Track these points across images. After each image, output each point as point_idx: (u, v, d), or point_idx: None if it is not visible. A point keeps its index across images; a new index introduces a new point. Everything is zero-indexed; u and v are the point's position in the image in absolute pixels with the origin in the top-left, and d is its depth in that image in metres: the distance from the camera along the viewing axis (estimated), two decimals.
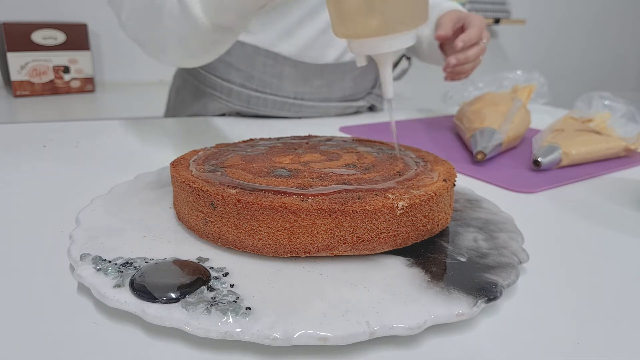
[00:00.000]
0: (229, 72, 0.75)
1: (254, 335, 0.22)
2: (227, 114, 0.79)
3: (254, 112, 0.77)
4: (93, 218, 0.33)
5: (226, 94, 0.76)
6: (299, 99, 0.77)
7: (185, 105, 0.82)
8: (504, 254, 0.30)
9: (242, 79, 0.75)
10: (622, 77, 3.06)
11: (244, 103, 0.76)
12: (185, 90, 0.82)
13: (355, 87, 0.81)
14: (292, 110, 0.78)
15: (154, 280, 0.25)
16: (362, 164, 0.36)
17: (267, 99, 0.76)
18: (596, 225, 0.40)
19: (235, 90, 0.75)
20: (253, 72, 0.74)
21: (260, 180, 0.31)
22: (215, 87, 0.76)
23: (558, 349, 0.24)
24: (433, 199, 0.30)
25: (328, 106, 0.80)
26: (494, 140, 0.55)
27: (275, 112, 0.77)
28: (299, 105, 0.78)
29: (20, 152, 0.53)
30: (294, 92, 0.77)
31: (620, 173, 0.54)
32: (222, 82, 0.75)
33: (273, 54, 0.73)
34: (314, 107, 0.79)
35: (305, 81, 0.76)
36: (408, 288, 0.26)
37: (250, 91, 0.75)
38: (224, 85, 0.75)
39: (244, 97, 0.76)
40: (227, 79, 0.75)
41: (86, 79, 1.52)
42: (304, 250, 0.28)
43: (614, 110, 0.62)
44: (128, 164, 0.51)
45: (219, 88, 0.76)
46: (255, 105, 0.76)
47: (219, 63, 0.75)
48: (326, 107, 0.80)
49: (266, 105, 0.76)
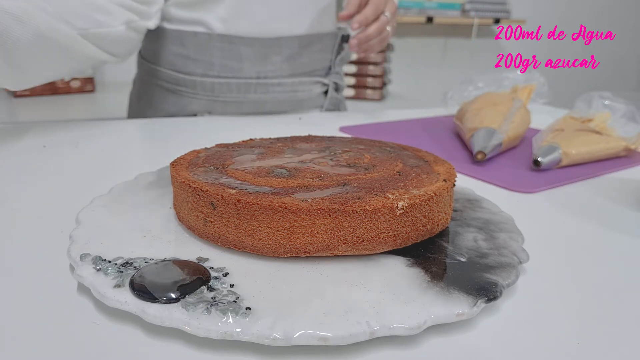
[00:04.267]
0: (188, 65, 0.75)
1: (254, 335, 0.22)
2: (198, 113, 0.78)
3: (221, 99, 0.77)
4: (93, 218, 0.33)
5: (191, 87, 0.76)
6: (262, 78, 0.77)
7: (151, 108, 0.81)
8: (504, 254, 0.30)
9: (203, 68, 0.75)
10: (622, 77, 3.06)
11: (208, 92, 0.76)
12: (148, 93, 0.82)
13: (313, 64, 0.82)
14: (258, 91, 0.78)
15: (154, 280, 0.25)
16: (362, 164, 0.36)
17: (231, 83, 0.76)
18: (596, 225, 0.40)
19: (199, 81, 0.76)
20: (212, 59, 0.75)
21: (260, 180, 0.31)
22: (179, 83, 0.77)
23: (558, 349, 0.24)
24: (433, 199, 0.30)
25: (293, 82, 0.80)
26: (494, 140, 0.55)
27: (241, 96, 0.77)
28: (264, 85, 0.78)
29: (20, 152, 0.53)
30: (256, 71, 0.77)
31: (620, 173, 0.54)
32: (185, 76, 0.76)
33: (227, 36, 0.74)
34: (280, 85, 0.79)
35: (264, 58, 0.77)
36: (408, 288, 0.26)
37: (212, 79, 0.76)
38: (187, 79, 0.76)
39: (207, 86, 0.76)
40: (188, 72, 0.76)
41: (86, 79, 1.52)
42: (303, 250, 0.28)
43: (614, 110, 0.62)
44: (128, 164, 0.51)
45: (183, 82, 0.76)
46: (220, 92, 0.76)
47: (177, 58, 0.75)
48: (292, 84, 0.80)
49: (230, 89, 0.77)
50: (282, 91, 0.79)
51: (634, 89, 3.09)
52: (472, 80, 0.79)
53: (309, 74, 0.82)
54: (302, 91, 0.82)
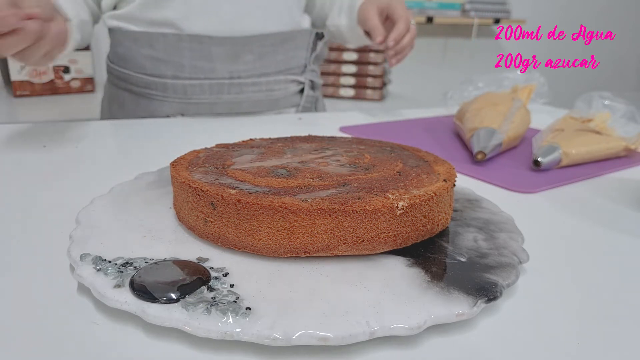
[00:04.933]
0: (158, 67, 0.74)
1: (254, 335, 0.22)
2: (170, 116, 0.76)
3: (193, 101, 0.75)
4: (93, 218, 0.33)
5: (162, 90, 0.74)
6: (236, 78, 0.76)
7: (123, 113, 0.79)
8: (504, 254, 0.30)
9: (173, 70, 0.74)
10: (622, 77, 3.06)
11: (180, 95, 0.75)
12: (118, 98, 0.80)
13: (288, 62, 0.81)
14: (231, 91, 0.76)
15: (154, 280, 0.25)
16: (362, 164, 0.36)
17: (203, 85, 0.74)
18: (596, 225, 0.40)
19: (170, 83, 0.74)
20: (182, 60, 0.73)
21: (260, 180, 0.31)
22: (149, 86, 0.75)
23: (558, 349, 0.24)
24: (433, 199, 0.30)
25: (268, 81, 0.78)
26: (494, 140, 0.55)
27: (214, 97, 0.76)
28: (238, 85, 0.76)
29: (20, 152, 0.53)
30: (229, 71, 0.75)
31: (620, 173, 0.54)
32: (155, 79, 0.74)
33: (197, 36, 0.72)
34: (254, 84, 0.77)
35: (236, 58, 0.75)
36: (408, 288, 0.26)
37: (184, 80, 0.74)
38: (158, 81, 0.74)
39: (179, 88, 0.74)
40: (158, 75, 0.74)
41: (86, 79, 1.52)
42: (303, 250, 0.28)
43: (614, 110, 0.62)
44: (128, 164, 0.51)
45: (153, 86, 0.74)
46: (192, 94, 0.75)
47: (146, 60, 0.74)
48: (267, 83, 0.78)
49: (203, 91, 0.75)
50: (257, 91, 0.78)
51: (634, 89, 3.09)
52: (472, 80, 0.79)
53: (283, 72, 0.80)
54: (278, 90, 0.80)
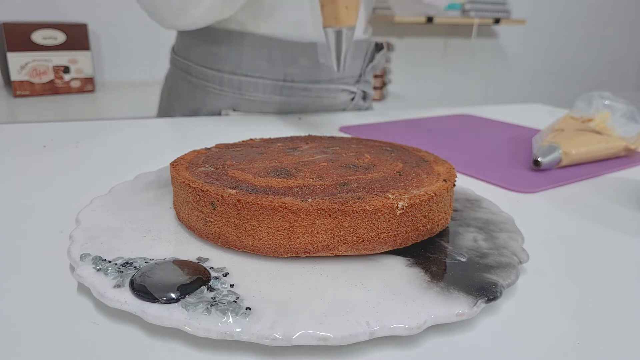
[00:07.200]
0: (217, 61, 0.77)
1: (254, 335, 0.22)
2: (222, 110, 0.80)
3: (246, 97, 0.78)
4: (93, 218, 0.33)
5: (218, 84, 0.78)
6: (289, 81, 0.78)
7: (179, 103, 0.83)
8: (504, 254, 0.30)
9: (232, 66, 0.77)
10: (622, 77, 3.06)
11: (235, 90, 0.78)
12: (178, 88, 0.84)
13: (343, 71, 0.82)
14: (284, 93, 0.79)
15: (154, 280, 0.25)
16: (362, 164, 0.36)
17: (258, 83, 0.78)
18: (596, 225, 0.40)
19: (227, 78, 0.77)
20: (242, 57, 0.76)
21: (260, 180, 0.31)
22: (207, 79, 0.78)
23: (558, 349, 0.24)
24: (433, 199, 0.30)
25: (319, 88, 0.81)
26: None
27: (266, 97, 0.78)
28: (290, 88, 0.79)
29: (20, 152, 0.53)
30: (284, 73, 0.78)
31: (620, 173, 0.54)
32: (214, 72, 0.78)
33: (259, 37, 0.75)
34: (304, 89, 0.80)
35: (293, 61, 0.78)
36: (408, 288, 0.26)
37: (240, 77, 0.77)
38: (216, 75, 0.77)
39: (235, 83, 0.77)
40: (218, 69, 0.78)
41: (86, 79, 1.52)
42: (304, 250, 0.28)
43: (614, 110, 0.62)
44: (128, 164, 0.51)
45: (211, 79, 0.78)
46: (247, 91, 0.78)
47: (208, 55, 0.77)
48: (318, 90, 0.81)
49: (257, 89, 0.78)
50: (306, 96, 0.80)
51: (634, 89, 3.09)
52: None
53: (335, 82, 0.82)
54: (327, 98, 0.82)
